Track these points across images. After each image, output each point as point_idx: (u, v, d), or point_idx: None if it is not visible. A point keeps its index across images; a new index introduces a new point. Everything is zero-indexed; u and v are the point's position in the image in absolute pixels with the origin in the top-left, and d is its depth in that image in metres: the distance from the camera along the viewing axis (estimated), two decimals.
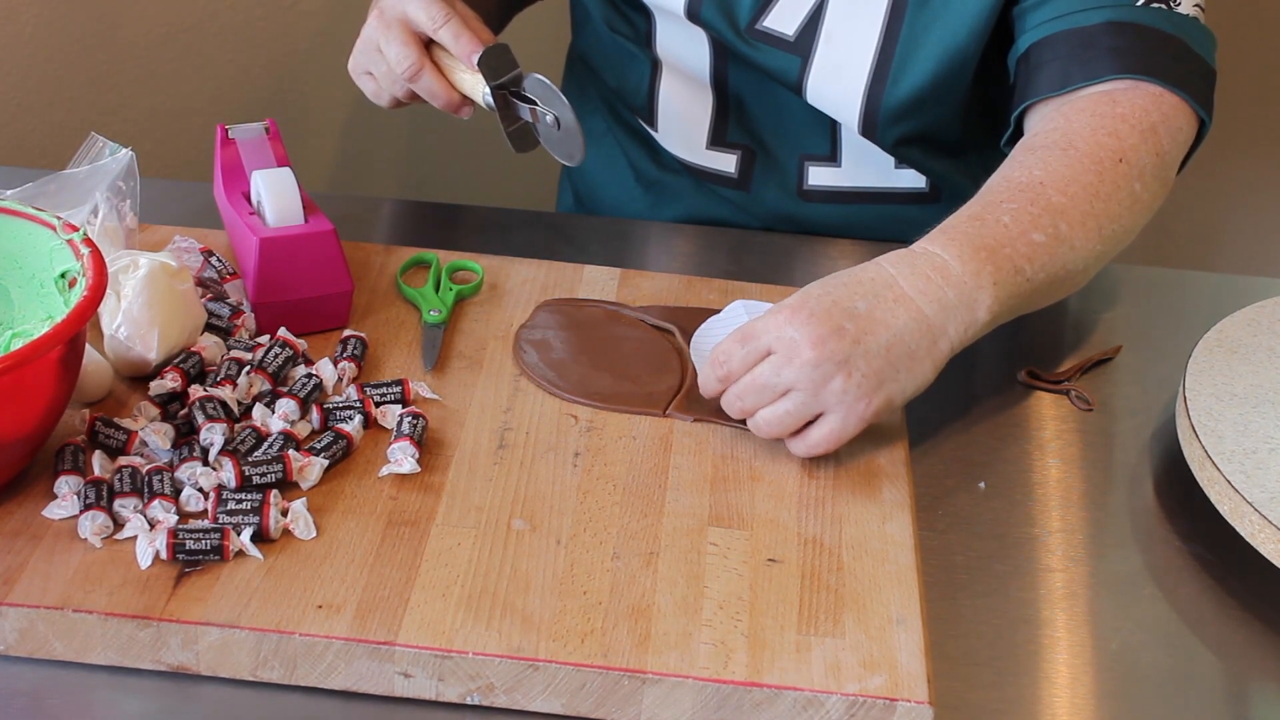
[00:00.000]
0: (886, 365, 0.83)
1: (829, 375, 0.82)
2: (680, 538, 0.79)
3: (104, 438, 0.81)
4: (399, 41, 0.97)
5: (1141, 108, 0.97)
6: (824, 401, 0.83)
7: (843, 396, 0.82)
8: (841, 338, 0.82)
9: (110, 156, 0.96)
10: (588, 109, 1.27)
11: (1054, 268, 0.91)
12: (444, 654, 0.71)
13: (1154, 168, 0.97)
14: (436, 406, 0.88)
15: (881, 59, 1.05)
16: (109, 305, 0.86)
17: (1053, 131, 0.97)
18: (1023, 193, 0.92)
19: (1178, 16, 0.99)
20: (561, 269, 1.02)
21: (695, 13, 1.08)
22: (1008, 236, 0.89)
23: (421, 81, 0.98)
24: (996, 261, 0.88)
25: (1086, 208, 0.92)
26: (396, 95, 1.01)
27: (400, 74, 0.98)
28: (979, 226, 0.89)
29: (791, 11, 1.07)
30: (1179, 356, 0.95)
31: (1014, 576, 0.83)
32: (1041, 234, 0.90)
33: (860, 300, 0.84)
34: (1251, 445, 0.85)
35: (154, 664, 0.73)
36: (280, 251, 0.91)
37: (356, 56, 1.02)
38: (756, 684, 0.71)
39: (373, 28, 0.99)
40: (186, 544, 0.74)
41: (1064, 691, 0.77)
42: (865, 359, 0.83)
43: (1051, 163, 0.94)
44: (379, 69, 1.00)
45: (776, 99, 1.13)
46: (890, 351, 0.83)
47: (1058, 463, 0.92)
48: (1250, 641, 0.80)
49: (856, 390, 0.82)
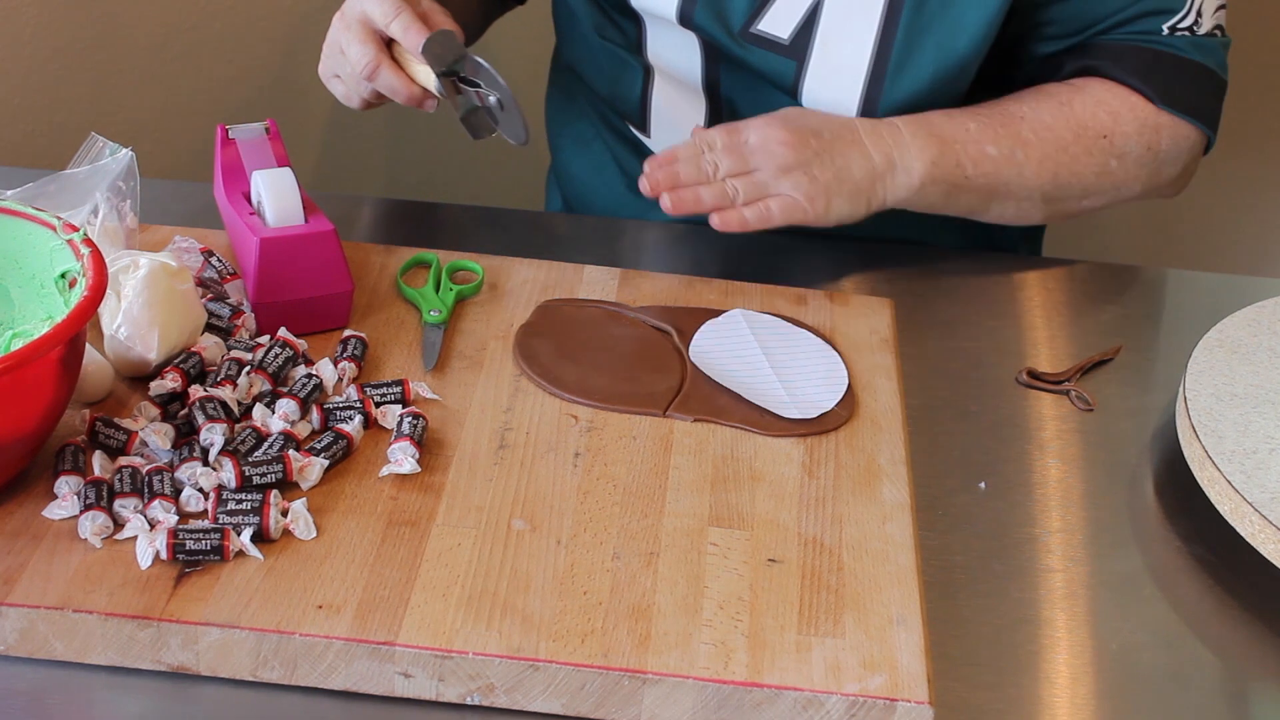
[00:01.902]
0: (835, 182, 1.00)
1: (790, 167, 0.99)
2: (680, 538, 0.79)
3: (104, 438, 0.81)
4: (358, 40, 0.98)
5: (1154, 109, 1.06)
6: (780, 185, 0.99)
7: (794, 188, 0.99)
8: (807, 146, 1.00)
9: (110, 156, 0.96)
10: (575, 115, 1.27)
11: (995, 179, 1.04)
12: (444, 654, 0.71)
13: (1139, 156, 1.06)
14: (436, 406, 0.88)
15: (878, 62, 1.05)
16: (109, 305, 0.86)
17: (1065, 87, 1.07)
18: (1000, 116, 1.05)
19: (1199, 39, 1.06)
20: (561, 269, 1.02)
21: (688, 17, 1.07)
22: (965, 137, 1.03)
23: (380, 78, 0.98)
24: (943, 148, 1.02)
25: (1050, 153, 1.04)
26: (363, 95, 1.02)
27: (359, 72, 0.98)
28: (944, 120, 1.04)
29: (786, 15, 1.07)
30: (1179, 356, 0.95)
31: (1014, 576, 0.83)
32: (996, 149, 1.03)
33: (826, 130, 1.01)
34: (1251, 445, 0.85)
35: (154, 664, 0.73)
36: (280, 251, 0.91)
37: (324, 60, 1.04)
38: (757, 684, 0.71)
39: (335, 30, 1.01)
40: (187, 544, 0.74)
41: (1064, 692, 0.77)
42: (821, 169, 0.99)
43: (1041, 108, 1.05)
44: (344, 70, 1.02)
45: (769, 102, 1.13)
46: (840, 174, 1.00)
47: (1058, 463, 0.92)
48: (1250, 641, 0.80)
49: (809, 188, 0.99)
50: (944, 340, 1.02)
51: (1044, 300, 1.08)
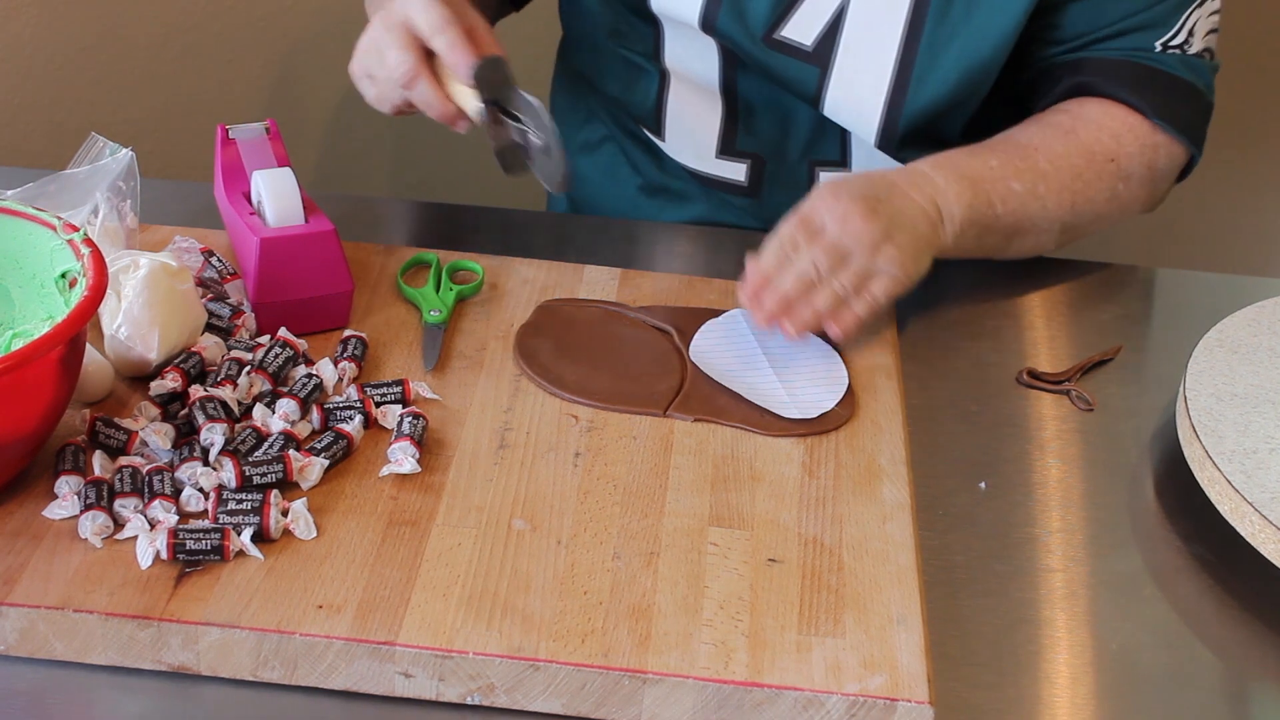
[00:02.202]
0: (911, 242, 0.95)
1: (878, 241, 0.93)
2: (681, 538, 0.79)
3: (104, 438, 0.81)
4: (398, 45, 0.94)
5: (1150, 128, 1.06)
6: (876, 263, 0.93)
7: (889, 262, 0.93)
8: (879, 214, 0.94)
9: (110, 156, 0.96)
10: (583, 118, 1.26)
11: (1021, 215, 1.02)
12: (444, 654, 0.71)
13: (1141, 177, 1.06)
14: (437, 406, 0.88)
15: (901, 69, 1.05)
16: (109, 305, 0.86)
17: (1063, 113, 1.07)
18: (1015, 149, 1.03)
19: (1189, 59, 1.06)
20: (561, 269, 1.02)
21: (711, 23, 1.07)
22: (991, 175, 1.01)
23: (417, 89, 0.94)
24: (975, 189, 1.00)
25: (1066, 182, 1.03)
26: (395, 102, 0.98)
27: (395, 79, 0.95)
28: (968, 159, 1.02)
29: (810, 21, 1.06)
30: (1179, 356, 0.95)
31: (1014, 576, 0.83)
32: (1020, 184, 1.01)
33: (879, 190, 0.96)
34: (1251, 445, 0.85)
35: (154, 664, 0.73)
36: (280, 251, 0.91)
37: (359, 58, 0.99)
38: (757, 684, 0.71)
39: (376, 29, 0.96)
40: (187, 544, 0.74)
41: (1064, 691, 0.77)
42: (899, 232, 0.94)
43: (1050, 138, 1.04)
44: (379, 73, 0.97)
45: (786, 107, 1.13)
46: (914, 233, 0.95)
47: (1058, 463, 0.92)
48: (1250, 641, 0.80)
49: (899, 256, 0.93)
50: (944, 340, 1.02)
51: (1044, 300, 1.08)
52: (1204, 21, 1.06)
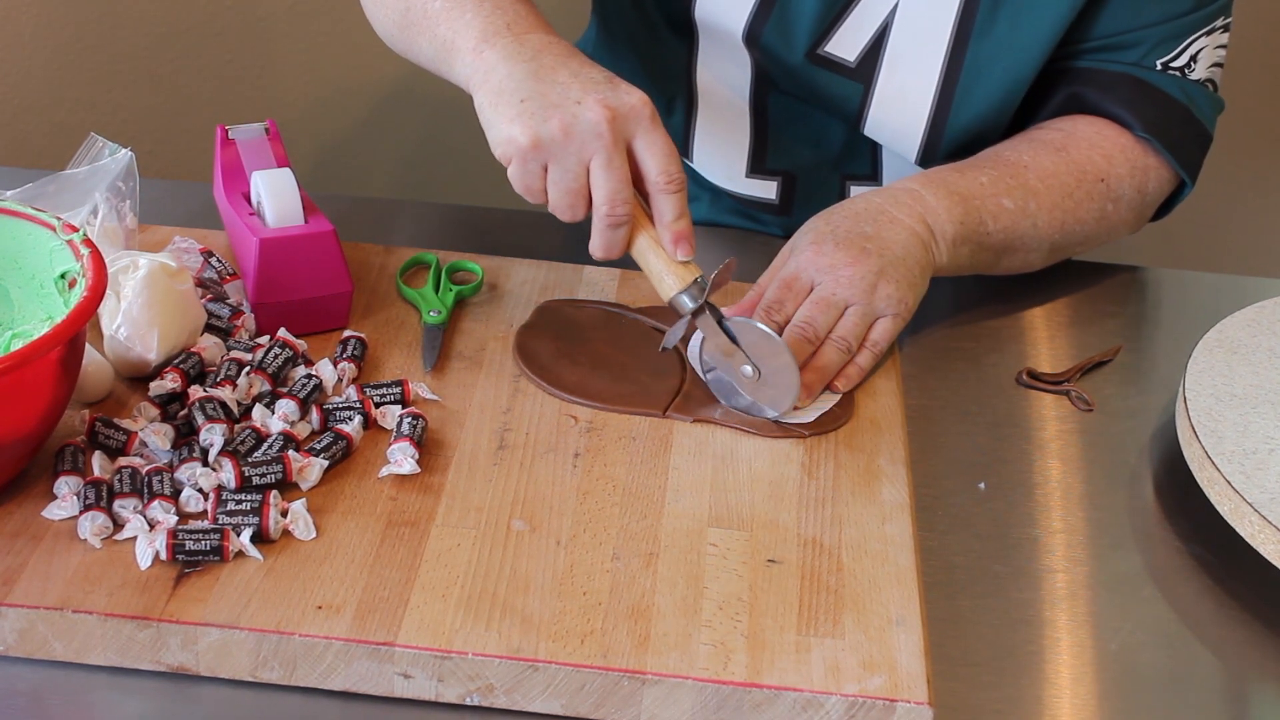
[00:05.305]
0: (905, 275, 0.93)
1: (874, 284, 0.92)
2: (680, 538, 0.79)
3: (104, 438, 0.81)
4: (621, 176, 0.83)
5: (1141, 150, 1.05)
6: (874, 306, 0.92)
7: (887, 304, 0.92)
8: (869, 253, 0.92)
9: (110, 157, 0.96)
10: None
11: (1012, 234, 1.00)
12: (444, 655, 0.71)
13: (1131, 200, 1.05)
14: (436, 407, 0.88)
15: (945, 85, 1.04)
16: (109, 306, 0.86)
17: (1055, 131, 1.05)
18: (1006, 166, 1.01)
19: (1188, 84, 1.05)
20: (561, 269, 1.02)
21: (755, 37, 1.05)
22: (983, 192, 0.99)
23: (621, 240, 0.84)
24: (966, 206, 0.98)
25: (1057, 200, 1.02)
26: (575, 218, 0.85)
27: (603, 215, 0.83)
28: (958, 176, 1.00)
29: (854, 37, 1.04)
30: (1179, 356, 0.95)
31: (1014, 577, 0.83)
32: (1011, 201, 1.00)
33: (866, 225, 0.94)
34: (1251, 445, 0.85)
35: (154, 664, 0.73)
36: (280, 252, 0.91)
37: (530, 130, 0.83)
38: (756, 685, 0.71)
39: (585, 126, 0.82)
40: (186, 544, 0.74)
41: (1064, 692, 0.77)
42: (891, 267, 0.93)
43: (1041, 155, 1.02)
44: (567, 182, 0.84)
45: (817, 124, 1.11)
46: (905, 263, 0.94)
47: (1058, 463, 0.92)
48: (1250, 641, 0.80)
49: (895, 293, 0.92)
50: (944, 340, 1.02)
51: (1044, 300, 1.08)
52: (1209, 52, 1.05)
